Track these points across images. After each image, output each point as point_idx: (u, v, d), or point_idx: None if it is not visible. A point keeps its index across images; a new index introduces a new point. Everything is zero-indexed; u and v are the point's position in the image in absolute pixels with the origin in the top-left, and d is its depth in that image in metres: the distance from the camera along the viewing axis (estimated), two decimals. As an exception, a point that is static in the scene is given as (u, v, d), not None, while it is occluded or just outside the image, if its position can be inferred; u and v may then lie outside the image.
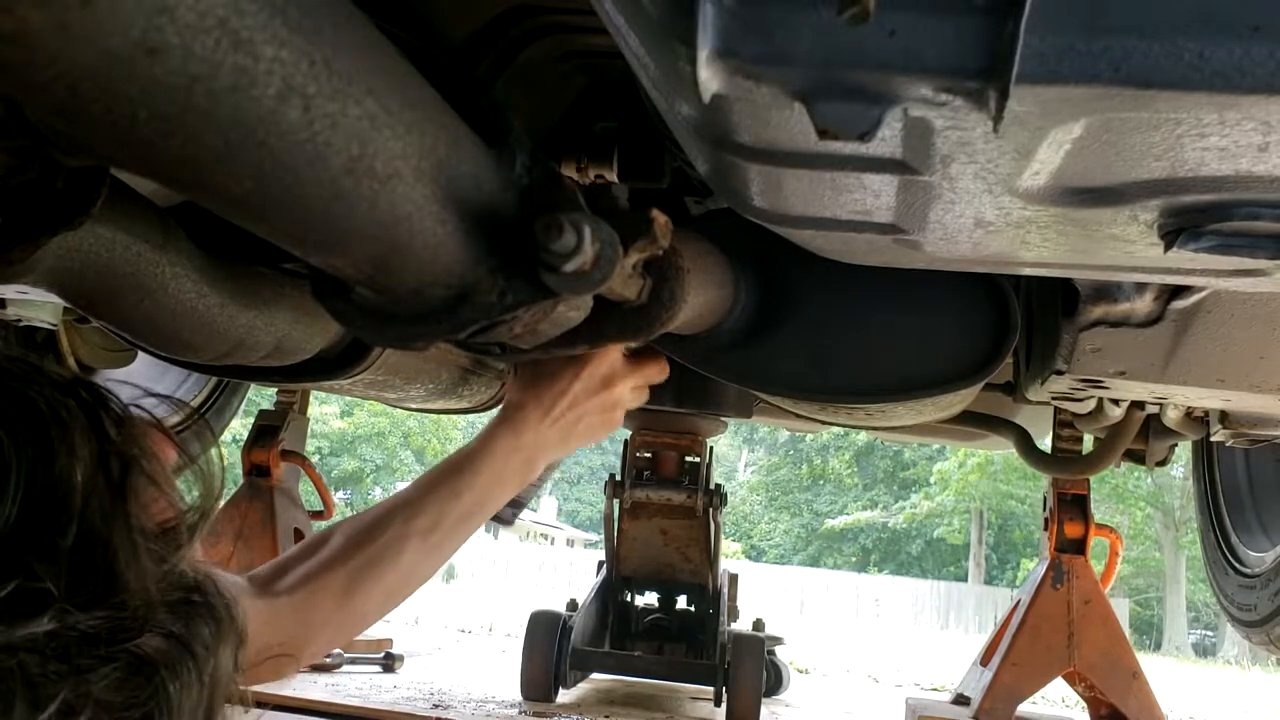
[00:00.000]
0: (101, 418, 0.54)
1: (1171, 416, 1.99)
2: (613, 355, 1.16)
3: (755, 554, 32.26)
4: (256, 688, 0.72)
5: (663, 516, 2.97)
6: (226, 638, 0.57)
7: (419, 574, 1.06)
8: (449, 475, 1.08)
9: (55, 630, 0.47)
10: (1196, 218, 0.80)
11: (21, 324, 1.98)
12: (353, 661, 3.08)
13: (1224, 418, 1.77)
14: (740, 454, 37.42)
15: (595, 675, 3.15)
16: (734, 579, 3.32)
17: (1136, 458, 2.41)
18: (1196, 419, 1.98)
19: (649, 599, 3.27)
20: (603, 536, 3.10)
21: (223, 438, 3.60)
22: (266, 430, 3.07)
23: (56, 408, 0.52)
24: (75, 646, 0.47)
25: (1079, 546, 2.64)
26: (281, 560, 1.01)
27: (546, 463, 1.16)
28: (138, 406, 0.59)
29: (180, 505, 0.58)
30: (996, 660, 2.60)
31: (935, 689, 4.65)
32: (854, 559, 32.00)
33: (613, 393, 1.16)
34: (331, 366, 1.71)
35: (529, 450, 1.12)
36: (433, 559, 1.06)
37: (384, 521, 1.03)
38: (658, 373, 1.24)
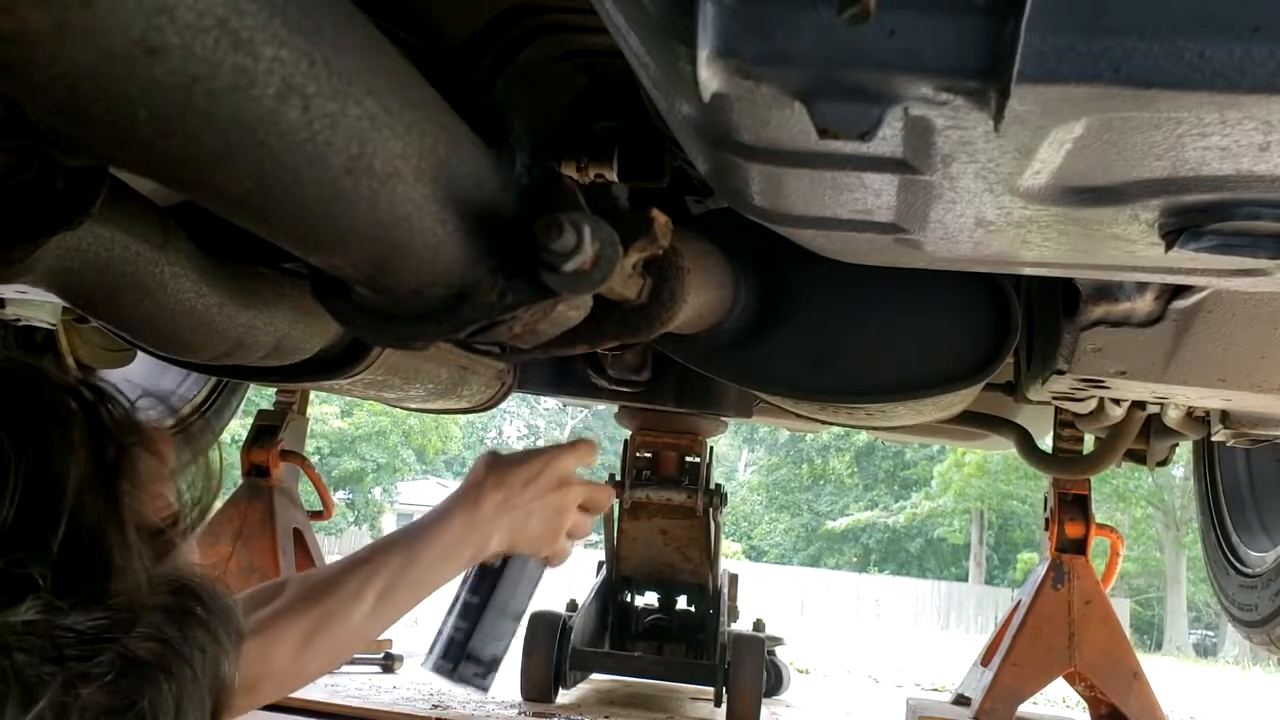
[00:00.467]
0: (101, 417, 0.54)
1: (1172, 416, 1.98)
2: (570, 462, 1.19)
3: (755, 554, 32.25)
4: None
5: (663, 516, 2.97)
6: (225, 640, 0.57)
7: (365, 635, 1.07)
8: (403, 542, 1.10)
9: (47, 628, 0.47)
10: (1197, 217, 0.80)
11: (21, 324, 1.98)
12: (352, 662, 3.08)
13: (1225, 417, 1.77)
14: (740, 454, 37.42)
15: (595, 675, 3.15)
16: (734, 579, 3.32)
17: (1137, 457, 2.40)
18: (1197, 419, 1.98)
19: (649, 599, 3.27)
20: (602, 536, 3.10)
21: (222, 438, 3.59)
22: (266, 430, 3.06)
23: (56, 407, 0.52)
24: (68, 646, 0.47)
25: (1080, 546, 2.64)
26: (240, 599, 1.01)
27: (497, 549, 1.19)
28: (137, 405, 0.59)
29: (178, 505, 0.58)
30: (997, 660, 2.60)
31: (936, 689, 4.65)
32: (854, 559, 32.00)
33: (565, 495, 1.18)
34: (331, 366, 1.71)
35: (483, 530, 1.14)
36: (379, 623, 1.08)
37: (340, 579, 1.05)
38: (605, 499, 1.27)
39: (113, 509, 0.52)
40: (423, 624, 5.59)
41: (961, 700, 2.72)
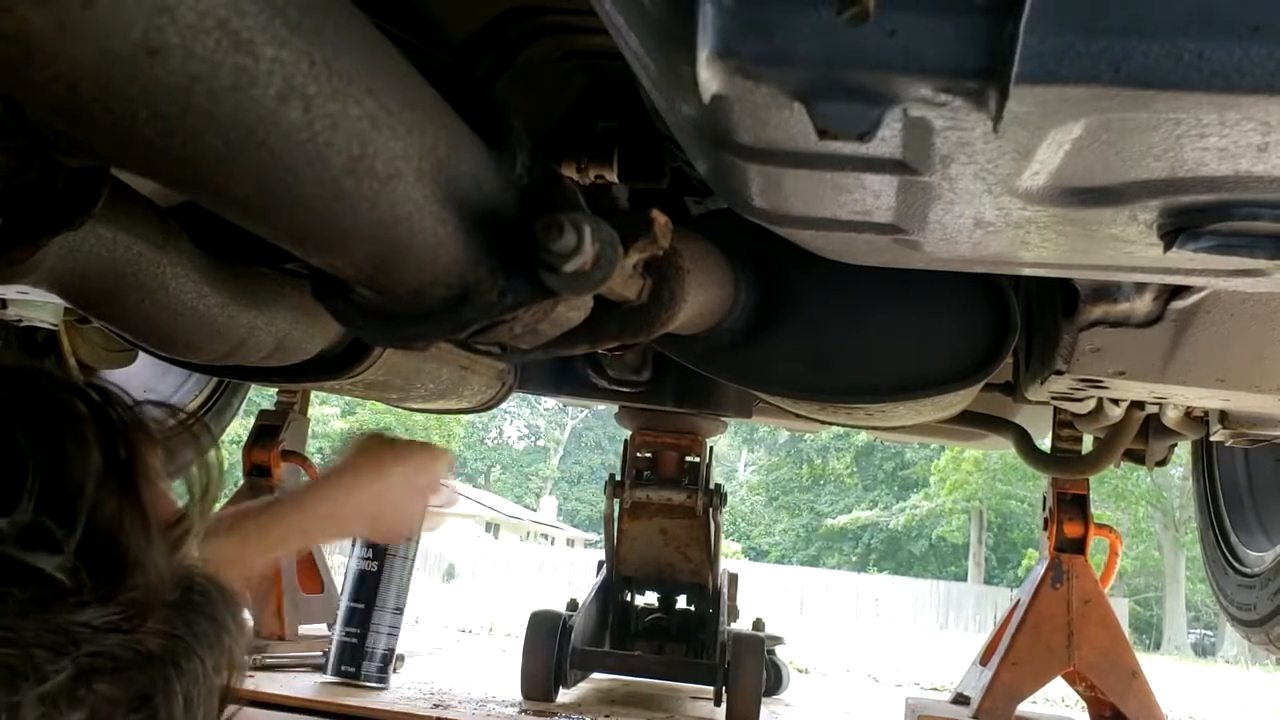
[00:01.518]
0: (110, 417, 0.55)
1: (1171, 416, 1.99)
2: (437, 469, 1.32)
3: (755, 554, 32.26)
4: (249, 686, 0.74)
5: (663, 516, 2.97)
6: (233, 632, 0.58)
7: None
8: (264, 513, 1.19)
9: (64, 623, 0.48)
10: (1196, 218, 0.80)
11: (23, 324, 1.98)
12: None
13: (1223, 417, 1.77)
14: (740, 454, 37.41)
15: (595, 675, 3.15)
16: (734, 579, 3.32)
17: (1136, 457, 2.40)
18: (1196, 419, 1.98)
19: (649, 599, 3.27)
20: (603, 536, 3.10)
21: (223, 438, 3.59)
22: (267, 430, 3.06)
23: (67, 408, 0.53)
24: (84, 641, 0.48)
25: (1078, 546, 2.64)
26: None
27: (356, 529, 1.33)
28: (142, 407, 0.60)
29: (184, 503, 0.58)
30: (996, 660, 2.60)
31: (935, 688, 4.65)
32: (854, 559, 32.00)
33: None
34: (332, 366, 1.71)
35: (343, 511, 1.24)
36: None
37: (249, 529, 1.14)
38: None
39: (131, 505, 0.53)
40: (423, 623, 5.58)
41: (961, 699, 2.72)
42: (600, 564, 3.22)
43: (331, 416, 25.41)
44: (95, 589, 0.49)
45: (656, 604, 3.25)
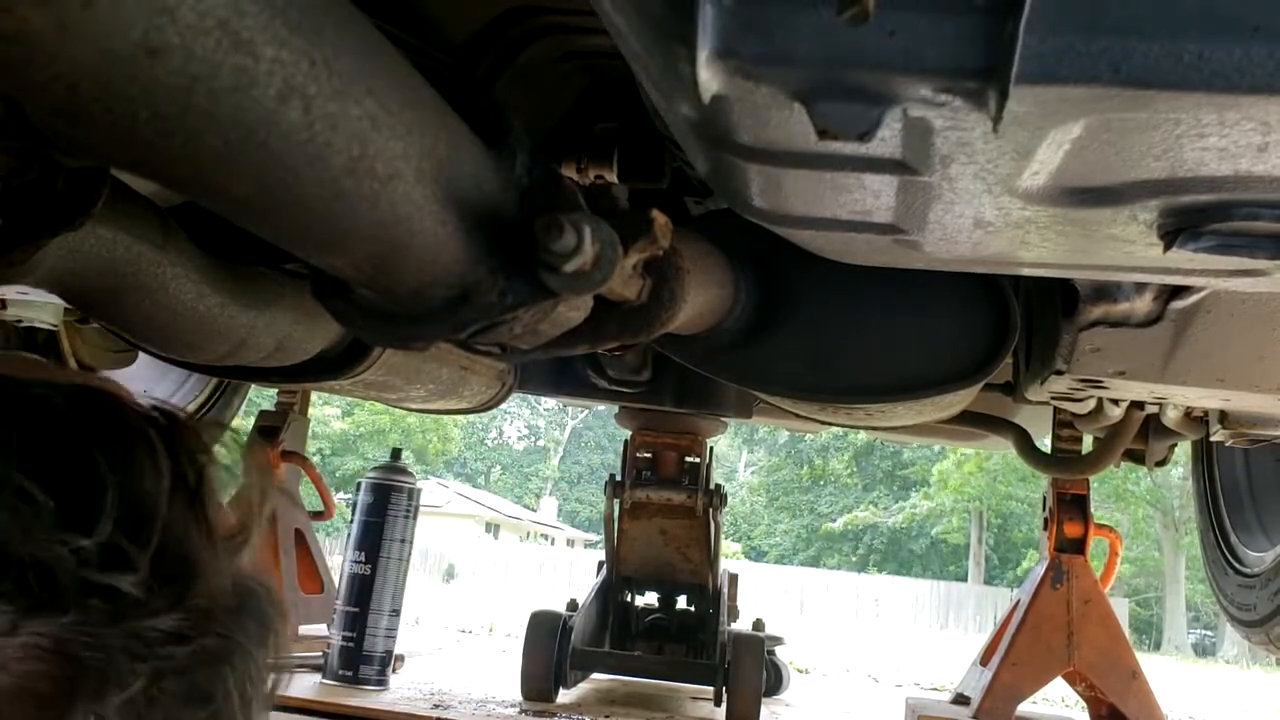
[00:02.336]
0: (177, 439, 0.58)
1: (1171, 416, 1.99)
2: None
3: (756, 554, 32.27)
4: None
5: (663, 517, 2.97)
6: (281, 631, 0.61)
7: None
8: None
9: (141, 629, 0.51)
10: (1196, 218, 0.80)
11: (22, 325, 1.98)
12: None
13: (1223, 417, 1.77)
14: (740, 454, 37.42)
15: (595, 675, 3.15)
16: (734, 579, 3.31)
17: (1136, 458, 2.40)
18: (1196, 419, 1.98)
19: (649, 599, 3.27)
20: (603, 537, 3.10)
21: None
22: (267, 430, 3.06)
23: (142, 430, 0.56)
24: (156, 644, 0.52)
25: (1078, 546, 2.64)
26: None
27: None
28: (202, 423, 0.64)
29: (243, 514, 0.62)
30: (996, 660, 2.60)
31: (935, 689, 4.65)
32: (854, 559, 32.01)
33: None
34: (332, 367, 1.71)
35: None
36: None
37: None
38: None
39: (198, 522, 0.56)
40: (423, 624, 5.58)
41: (961, 699, 2.72)
42: (600, 564, 3.22)
43: (332, 417, 25.44)
44: (165, 599, 0.53)
45: (656, 604, 3.25)
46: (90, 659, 0.49)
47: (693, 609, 3.21)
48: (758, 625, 3.18)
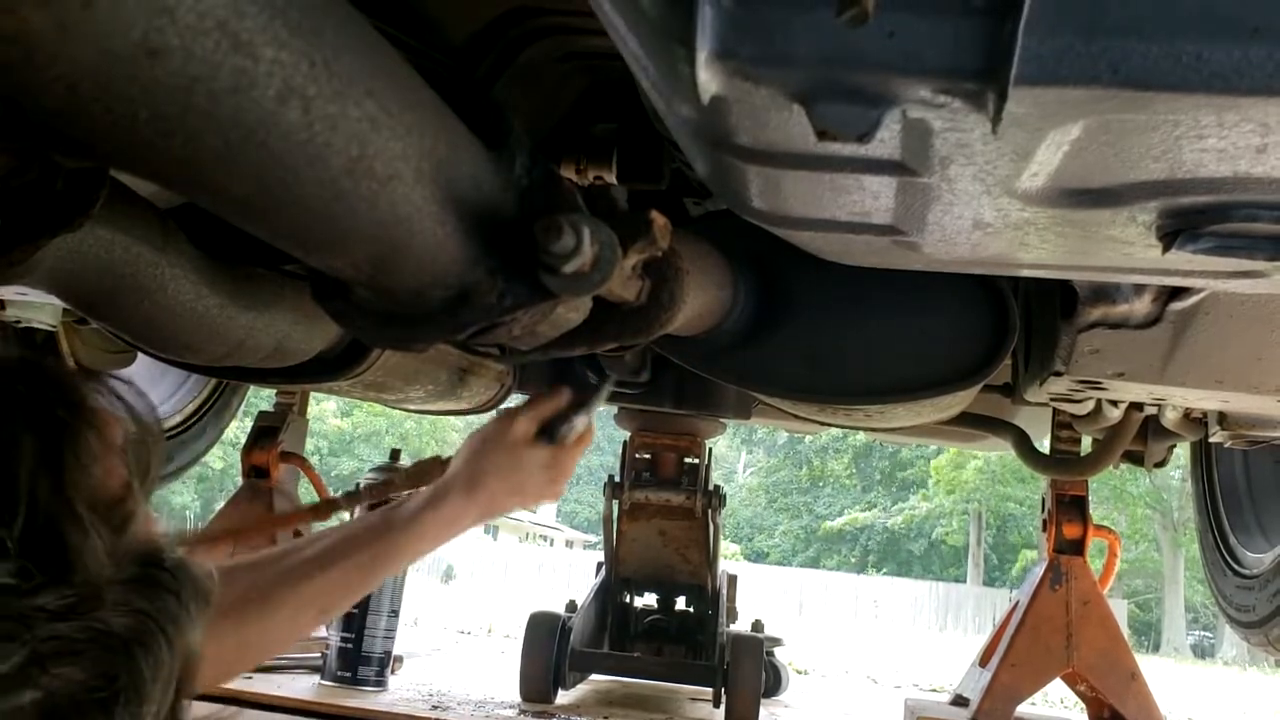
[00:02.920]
0: (45, 399, 0.54)
1: (1170, 418, 1.99)
2: (521, 426, 1.20)
3: (755, 556, 32.26)
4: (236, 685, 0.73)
5: (662, 518, 2.97)
6: (195, 608, 0.57)
7: (301, 635, 1.08)
8: (371, 543, 1.09)
9: (16, 609, 0.48)
10: (1195, 219, 0.80)
11: (21, 325, 1.98)
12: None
13: (1222, 419, 1.77)
14: (739, 455, 37.40)
15: (594, 676, 3.15)
16: (733, 580, 3.31)
17: (1135, 459, 2.40)
18: (1195, 420, 1.98)
19: (648, 600, 3.27)
20: (602, 538, 3.10)
21: (222, 439, 3.59)
22: (266, 431, 3.06)
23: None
24: (37, 625, 0.49)
25: (1077, 547, 2.64)
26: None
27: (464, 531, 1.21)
28: (83, 380, 0.59)
29: (128, 476, 0.58)
30: (995, 661, 2.59)
31: (934, 690, 4.65)
32: (853, 560, 32.00)
33: (533, 459, 1.19)
34: (331, 368, 1.71)
35: (452, 530, 1.16)
36: (317, 624, 1.09)
37: (282, 594, 1.02)
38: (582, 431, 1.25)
39: (64, 490, 0.52)
40: (422, 625, 5.57)
41: (960, 701, 2.72)
42: (599, 565, 3.22)
43: (329, 414, 25.41)
44: (44, 574, 0.50)
45: (655, 605, 3.25)
46: None
47: (692, 610, 3.21)
48: (757, 626, 3.18)
